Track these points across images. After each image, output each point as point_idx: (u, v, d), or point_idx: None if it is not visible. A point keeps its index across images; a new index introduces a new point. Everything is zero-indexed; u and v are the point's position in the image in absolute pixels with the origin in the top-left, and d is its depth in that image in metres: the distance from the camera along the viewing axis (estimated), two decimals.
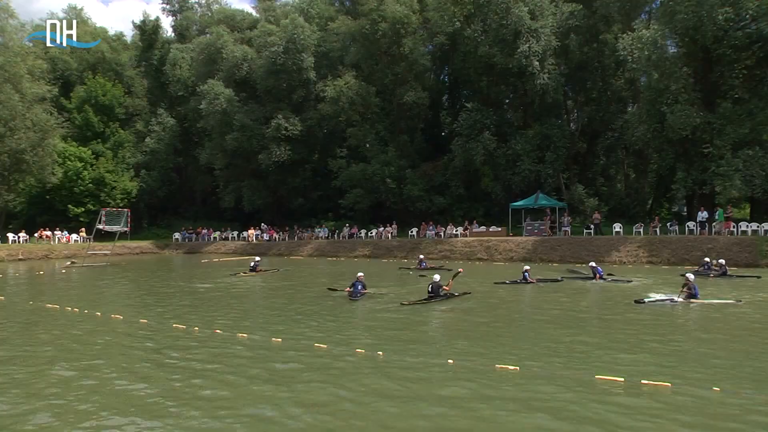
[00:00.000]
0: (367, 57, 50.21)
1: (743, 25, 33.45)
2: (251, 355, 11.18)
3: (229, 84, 54.63)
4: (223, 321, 15.14)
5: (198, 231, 56.77)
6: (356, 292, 19.28)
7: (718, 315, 15.23)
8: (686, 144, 36.19)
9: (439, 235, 43.24)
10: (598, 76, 47.78)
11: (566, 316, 15.83)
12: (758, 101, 34.70)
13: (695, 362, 10.39)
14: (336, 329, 13.87)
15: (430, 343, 12.32)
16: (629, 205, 46.45)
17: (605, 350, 11.41)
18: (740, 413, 7.62)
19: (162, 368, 10.34)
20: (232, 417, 7.76)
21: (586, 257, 32.24)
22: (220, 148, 54.92)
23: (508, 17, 41.32)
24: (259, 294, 22.32)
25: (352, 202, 49.89)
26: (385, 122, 50.92)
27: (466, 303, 18.15)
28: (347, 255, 43.05)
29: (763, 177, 32.76)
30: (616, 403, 8.06)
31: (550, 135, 43.81)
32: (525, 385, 9.04)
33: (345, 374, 9.76)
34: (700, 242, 32.52)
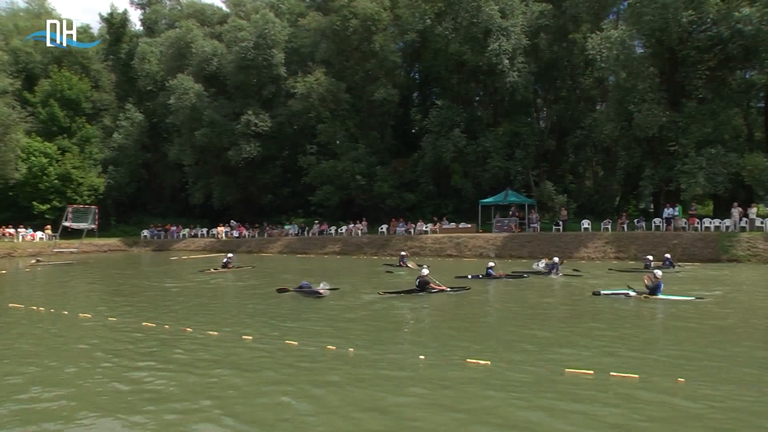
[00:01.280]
0: (338, 53, 50.05)
1: (705, 28, 34.52)
2: (222, 353, 11.06)
3: (198, 79, 54.06)
4: (193, 319, 14.92)
5: (167, 228, 56.04)
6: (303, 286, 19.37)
7: (676, 310, 15.42)
8: (653, 142, 36.83)
9: (409, 231, 43.26)
10: (568, 74, 48.30)
11: (534, 310, 15.98)
12: (720, 101, 35.70)
13: (659, 354, 10.57)
14: (308, 326, 13.75)
15: (402, 338, 12.32)
16: (598, 201, 46.90)
17: (573, 343, 11.53)
18: (704, 404, 7.81)
19: (132, 367, 10.16)
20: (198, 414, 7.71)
21: (555, 253, 32.51)
22: (189, 143, 54.37)
23: (478, 15, 41.47)
24: (231, 291, 22.08)
25: (321, 198, 49.73)
26: (355, 119, 50.83)
27: (438, 298, 18.22)
28: (317, 252, 42.90)
29: (725, 175, 33.59)
30: (586, 396, 8.18)
31: (519, 132, 44.08)
32: (496, 379, 9.08)
33: (313, 371, 9.69)
34: (666, 238, 33.18)
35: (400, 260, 30.74)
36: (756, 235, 31.41)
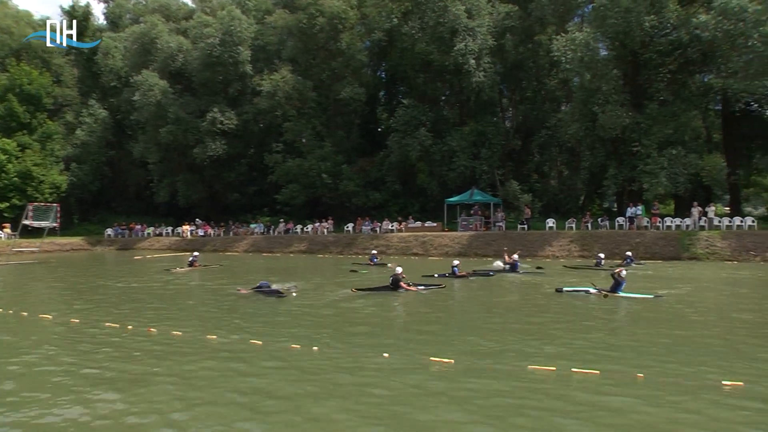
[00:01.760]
0: (304, 51, 49.88)
1: (666, 33, 35.36)
2: (188, 352, 10.99)
3: (163, 75, 53.51)
4: (158, 319, 14.76)
5: (131, 227, 55.29)
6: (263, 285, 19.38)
7: (636, 308, 15.69)
8: (616, 142, 37.33)
9: (375, 230, 43.32)
10: (533, 75, 48.62)
11: (499, 308, 16.18)
12: (681, 103, 36.39)
13: (620, 351, 10.80)
14: (274, 325, 13.75)
15: (367, 337, 12.34)
16: (562, 200, 47.42)
17: (536, 341, 11.68)
18: (662, 399, 7.98)
19: (95, 368, 10.03)
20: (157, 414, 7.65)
21: (520, 252, 32.89)
22: (154, 141, 53.73)
23: (445, 15, 41.64)
24: (197, 291, 21.80)
25: (288, 197, 49.48)
26: (321, 117, 50.66)
27: (407, 296, 18.38)
28: (283, 251, 42.75)
29: (686, 175, 34.31)
30: (548, 392, 8.31)
31: (485, 132, 44.29)
32: (459, 377, 9.15)
33: (276, 370, 9.69)
34: (629, 237, 33.78)
35: (371, 259, 30.82)
36: (714, 234, 32.18)
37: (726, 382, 8.46)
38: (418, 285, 19.99)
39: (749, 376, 8.82)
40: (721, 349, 10.92)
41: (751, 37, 30.67)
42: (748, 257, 29.55)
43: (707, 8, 32.97)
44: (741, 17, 30.42)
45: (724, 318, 14.44)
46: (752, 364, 9.73)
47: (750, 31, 30.46)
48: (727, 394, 8.12)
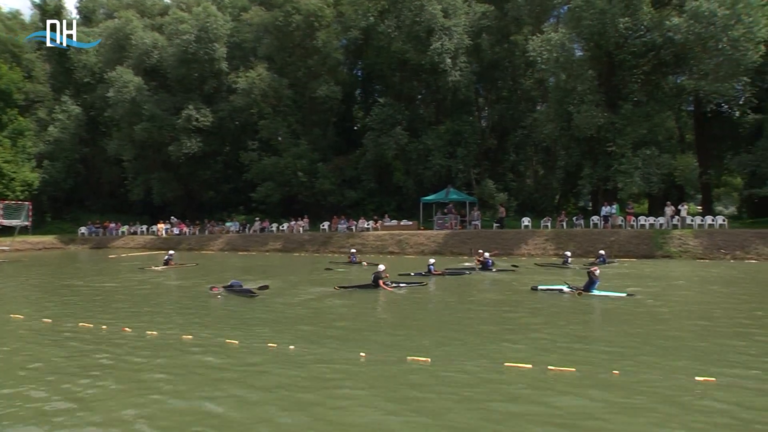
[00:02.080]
0: (280, 49, 49.68)
1: (640, 35, 35.68)
2: (161, 353, 10.89)
3: (138, 72, 52.96)
4: (132, 318, 14.60)
5: (105, 225, 54.58)
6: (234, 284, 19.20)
7: (609, 306, 15.86)
8: (591, 142, 37.67)
9: (351, 228, 43.22)
10: (509, 75, 48.96)
11: (475, 306, 16.33)
12: (655, 104, 36.88)
13: (595, 348, 10.96)
14: (250, 324, 13.68)
15: (344, 335, 12.32)
16: (538, 199, 47.82)
17: (513, 338, 11.79)
18: (639, 395, 8.12)
19: (69, 369, 9.89)
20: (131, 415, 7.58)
21: (497, 252, 33.21)
22: (128, 138, 53.22)
23: (421, 14, 41.76)
24: (173, 290, 21.65)
25: (263, 195, 49.32)
26: (297, 115, 50.55)
27: (387, 294, 18.46)
28: (258, 249, 42.58)
29: (659, 175, 34.79)
30: (524, 389, 8.40)
31: (461, 131, 44.49)
32: (436, 375, 9.18)
33: (254, 369, 9.68)
34: (604, 235, 34.16)
35: (351, 257, 30.80)
36: (687, 233, 32.76)
37: (699, 378, 8.66)
38: (400, 283, 20.23)
39: (721, 373, 9.02)
40: (693, 346, 11.12)
41: (720, 41, 31.23)
42: (719, 255, 30.08)
43: (679, 11, 33.47)
44: (711, 21, 30.92)
45: (697, 315, 14.66)
46: (724, 360, 9.94)
47: (719, 34, 30.99)
48: (700, 389, 8.30)
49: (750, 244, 30.39)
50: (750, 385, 8.46)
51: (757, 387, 8.36)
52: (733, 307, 15.60)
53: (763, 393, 8.12)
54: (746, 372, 9.14)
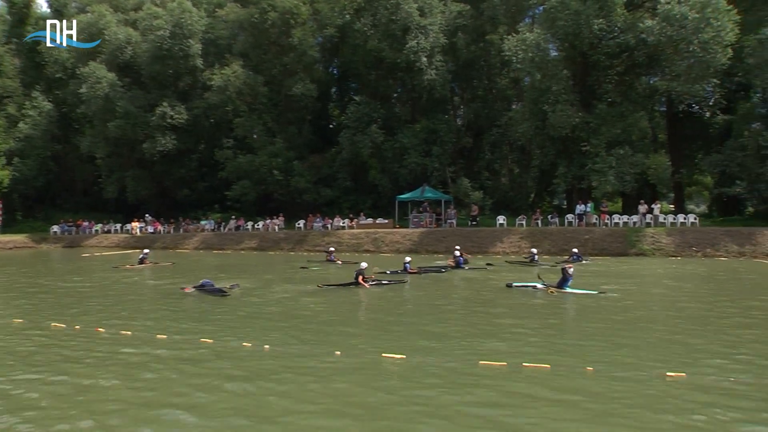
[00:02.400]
0: (256, 46, 49.44)
1: (614, 36, 36.04)
2: (135, 352, 10.81)
3: (111, 68, 52.14)
4: (106, 318, 14.47)
5: (78, 224, 53.78)
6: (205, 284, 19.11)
7: (582, 303, 16.08)
8: (566, 141, 37.97)
9: (327, 227, 43.22)
10: (484, 74, 49.32)
11: (449, 304, 16.51)
12: (628, 104, 37.43)
13: (568, 345, 11.12)
14: (226, 323, 13.64)
15: (319, 334, 12.32)
16: (513, 198, 48.09)
17: (487, 336, 11.89)
18: (611, 390, 8.30)
19: (41, 370, 9.77)
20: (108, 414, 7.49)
21: (471, 248, 33.59)
22: (102, 135, 52.50)
23: (397, 13, 41.83)
24: (147, 289, 21.47)
25: (238, 193, 49.07)
26: (272, 113, 50.27)
27: (365, 293, 18.58)
28: (234, 248, 42.42)
29: (633, 174, 35.35)
30: (499, 387, 8.48)
31: (436, 129, 44.67)
32: (411, 372, 9.24)
33: (228, 369, 9.66)
34: (579, 233, 34.57)
35: (329, 256, 30.78)
36: (660, 231, 33.40)
37: (670, 374, 8.85)
38: (381, 281, 20.65)
39: (691, 368, 9.24)
40: (664, 341, 11.36)
41: (691, 43, 31.85)
42: (691, 253, 30.80)
43: (652, 14, 34.09)
44: (682, 24, 31.54)
45: (668, 312, 14.93)
46: (694, 355, 10.16)
47: (690, 37, 31.59)
48: (671, 385, 8.48)
49: (720, 242, 31.18)
50: (720, 380, 8.66)
51: (727, 382, 8.57)
52: (704, 304, 15.91)
53: (732, 388, 8.33)
54: (716, 367, 9.37)
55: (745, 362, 9.70)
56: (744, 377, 8.80)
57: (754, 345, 10.94)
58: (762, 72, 32.46)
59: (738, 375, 8.91)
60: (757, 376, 8.91)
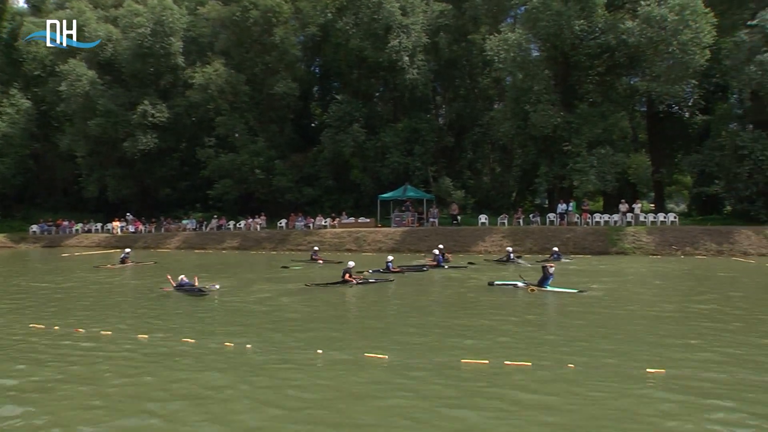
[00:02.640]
0: (237, 45, 49.12)
1: (595, 37, 36.40)
2: (115, 354, 10.79)
3: (92, 65, 51.61)
4: (85, 318, 14.43)
5: (58, 223, 53.09)
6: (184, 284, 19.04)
7: (562, 301, 16.29)
8: (548, 141, 38.20)
9: (309, 226, 43.15)
10: (466, 73, 49.42)
11: (431, 302, 16.72)
12: (609, 105, 37.84)
13: (549, 343, 11.28)
14: (206, 323, 13.69)
15: (301, 333, 12.38)
16: (495, 197, 48.23)
17: (469, 334, 12.03)
18: (592, 386, 8.47)
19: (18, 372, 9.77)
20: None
21: (453, 247, 33.74)
22: (82, 134, 51.84)
23: (379, 12, 41.78)
24: (128, 289, 21.40)
25: (220, 192, 48.87)
26: (254, 112, 50.01)
27: (351, 291, 18.72)
28: (215, 247, 42.24)
29: (613, 173, 35.72)
30: (481, 385, 8.58)
31: (418, 129, 44.71)
32: (393, 371, 9.32)
33: (209, 368, 9.68)
34: (560, 232, 34.90)
35: (312, 255, 30.70)
36: (640, 230, 33.86)
37: (650, 370, 9.06)
38: (368, 279, 21.20)
39: (671, 363, 9.45)
40: (644, 339, 11.56)
41: (671, 45, 32.26)
42: (671, 251, 31.32)
43: (633, 15, 34.41)
44: (662, 25, 31.96)
45: (648, 309, 15.18)
46: (673, 352, 10.37)
47: (670, 38, 31.99)
48: (651, 380, 8.69)
49: (699, 241, 31.75)
50: (698, 375, 8.88)
51: (705, 377, 8.79)
52: (684, 302, 16.21)
53: (709, 383, 8.53)
54: (695, 363, 9.59)
55: (723, 358, 9.96)
56: (722, 374, 9.01)
57: (731, 341, 11.21)
58: (738, 74, 32.91)
59: (716, 370, 9.13)
60: (733, 372, 9.11)
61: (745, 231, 32.02)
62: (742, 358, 9.92)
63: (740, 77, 32.67)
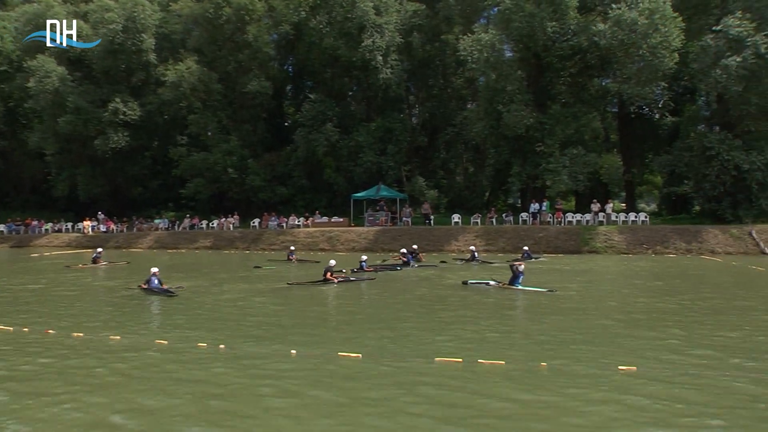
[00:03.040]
0: (210, 42, 48.66)
1: (567, 38, 36.83)
2: (86, 355, 10.64)
3: (61, 61, 50.67)
4: (56, 320, 14.18)
5: (27, 222, 52.21)
6: (153, 286, 18.78)
7: (533, 300, 16.43)
8: (520, 141, 38.49)
9: (282, 225, 43.04)
10: (440, 73, 49.62)
11: (406, 301, 16.72)
12: (581, 106, 38.29)
13: (522, 341, 11.40)
14: (179, 324, 13.52)
15: (274, 334, 12.32)
16: (468, 197, 48.54)
17: (444, 333, 12.09)
18: (564, 384, 8.53)
19: None
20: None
21: (426, 246, 33.88)
22: (52, 131, 50.93)
23: (353, 11, 41.78)
24: (99, 289, 21.04)
25: (193, 191, 48.52)
26: (227, 110, 49.64)
27: (311, 293, 18.50)
28: (188, 247, 41.97)
29: (585, 173, 36.22)
30: (454, 383, 8.59)
31: (392, 128, 44.76)
32: (367, 371, 9.29)
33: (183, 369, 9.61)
34: (533, 232, 35.32)
35: (289, 255, 30.66)
36: (612, 229, 34.44)
37: (621, 368, 9.14)
38: (349, 277, 21.52)
39: (642, 361, 9.58)
40: (616, 336, 11.72)
41: (641, 47, 32.77)
42: (642, 250, 31.97)
43: (604, 18, 34.75)
44: (633, 28, 32.41)
45: (619, 307, 15.45)
46: (644, 349, 10.52)
47: (640, 41, 32.46)
48: (623, 378, 8.78)
49: (669, 240, 32.46)
50: (669, 372, 9.01)
51: (676, 374, 8.92)
52: (654, 300, 16.51)
53: (680, 379, 8.67)
54: (666, 360, 9.74)
55: (693, 354, 10.17)
56: (692, 369, 9.16)
57: (701, 338, 11.51)
58: (705, 77, 33.40)
59: (687, 367, 9.29)
60: (703, 368, 9.29)
61: (713, 230, 32.83)
62: (712, 355, 10.11)
63: (707, 80, 33.17)
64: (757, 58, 31.36)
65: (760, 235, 31.83)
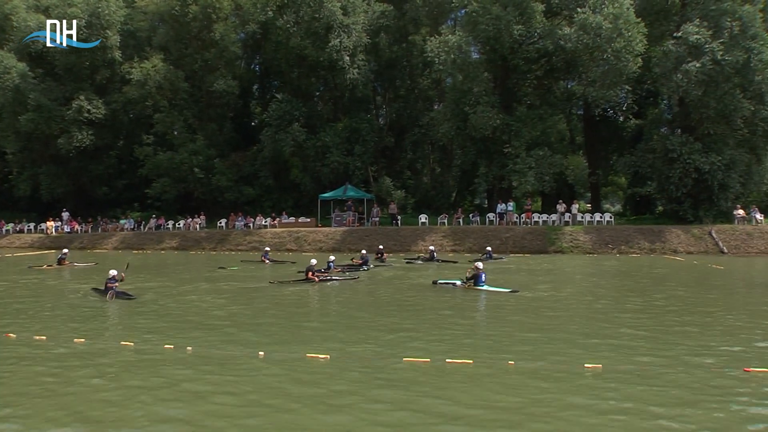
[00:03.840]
0: (176, 40, 48.11)
1: (533, 41, 37.30)
2: (49, 358, 10.42)
3: (22, 57, 49.49)
4: (17, 323, 13.87)
5: None
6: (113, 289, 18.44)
7: (496, 300, 16.56)
8: (487, 142, 38.79)
9: (249, 226, 42.81)
10: (407, 74, 49.79)
11: (375, 302, 16.72)
12: (547, 108, 38.93)
13: (490, 340, 11.53)
14: (146, 325, 13.34)
15: (242, 336, 12.22)
16: (435, 197, 48.87)
17: (412, 332, 12.12)
18: (531, 382, 8.64)
19: None
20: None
21: (393, 247, 34.10)
22: (12, 129, 49.84)
23: (320, 11, 41.65)
24: (64, 290, 20.62)
25: (159, 191, 47.93)
26: (193, 110, 49.16)
27: (279, 294, 18.40)
28: (154, 247, 41.58)
29: (551, 174, 36.78)
30: (423, 383, 8.61)
31: (359, 128, 44.83)
32: (334, 372, 9.28)
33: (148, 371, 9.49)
34: (499, 232, 35.74)
35: (263, 255, 30.54)
36: (578, 229, 35.08)
37: (587, 365, 9.29)
38: (332, 277, 21.76)
39: (607, 359, 9.76)
40: (581, 334, 11.91)
41: (605, 51, 33.33)
42: (607, 250, 32.70)
43: (570, 22, 35.17)
44: (598, 33, 32.91)
45: (584, 306, 15.71)
46: (609, 347, 10.73)
47: (605, 45, 32.98)
48: (589, 375, 8.94)
49: (633, 239, 33.19)
50: (634, 368, 9.18)
51: (641, 370, 9.10)
52: (619, 298, 16.90)
53: (645, 376, 8.83)
54: (631, 357, 9.93)
55: (658, 351, 10.39)
56: (657, 366, 9.36)
57: (665, 334, 11.75)
58: (667, 81, 34.11)
59: (651, 363, 9.51)
60: (668, 364, 9.52)
61: (675, 230, 33.63)
62: (677, 351, 10.33)
63: (669, 84, 33.88)
64: (714, 64, 32.12)
65: (719, 235, 32.69)
